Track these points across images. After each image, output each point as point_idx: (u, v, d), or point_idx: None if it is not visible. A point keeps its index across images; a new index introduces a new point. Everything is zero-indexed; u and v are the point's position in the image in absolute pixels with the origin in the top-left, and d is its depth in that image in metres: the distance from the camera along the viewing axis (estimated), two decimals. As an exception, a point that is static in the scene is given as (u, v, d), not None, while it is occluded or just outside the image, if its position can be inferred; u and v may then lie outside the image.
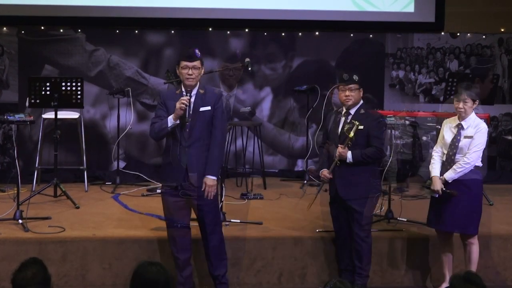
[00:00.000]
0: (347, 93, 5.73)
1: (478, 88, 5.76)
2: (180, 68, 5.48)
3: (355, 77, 5.74)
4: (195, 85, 5.51)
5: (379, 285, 6.18)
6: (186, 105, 5.38)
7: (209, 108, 5.48)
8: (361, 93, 5.78)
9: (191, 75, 5.44)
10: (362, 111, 5.75)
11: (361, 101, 5.80)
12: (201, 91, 5.51)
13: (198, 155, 5.46)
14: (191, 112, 5.45)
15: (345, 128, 5.69)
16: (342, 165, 5.72)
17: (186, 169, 5.45)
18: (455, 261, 5.91)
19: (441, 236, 5.87)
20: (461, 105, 5.65)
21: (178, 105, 5.38)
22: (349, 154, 5.66)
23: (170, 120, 5.43)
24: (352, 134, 5.62)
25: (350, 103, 5.74)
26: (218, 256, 5.64)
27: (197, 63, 5.45)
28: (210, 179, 5.44)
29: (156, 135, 5.57)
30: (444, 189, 5.64)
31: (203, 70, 5.57)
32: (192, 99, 5.48)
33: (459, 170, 5.61)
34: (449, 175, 5.64)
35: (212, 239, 5.61)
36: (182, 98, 5.39)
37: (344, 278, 5.74)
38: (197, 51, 5.49)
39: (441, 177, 5.68)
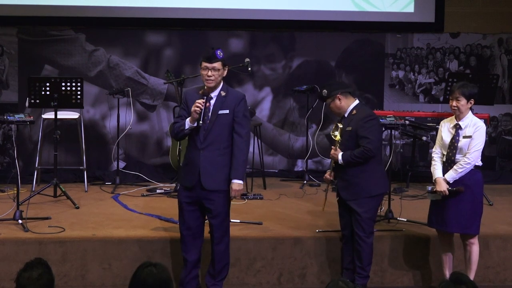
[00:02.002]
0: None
1: (475, 88, 5.73)
2: (201, 69, 5.43)
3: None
4: (217, 87, 5.44)
5: (379, 285, 6.18)
6: (201, 108, 5.35)
7: (227, 111, 5.42)
8: (340, 100, 5.74)
9: (210, 76, 5.37)
10: (354, 111, 5.75)
11: (355, 102, 5.77)
12: (223, 93, 5.45)
13: (212, 159, 5.43)
14: (209, 114, 5.41)
15: (332, 130, 5.77)
16: (340, 167, 5.75)
17: (200, 171, 5.43)
18: (455, 261, 5.91)
19: (441, 236, 5.87)
20: (454, 103, 5.65)
21: (192, 108, 5.35)
22: (339, 156, 5.69)
23: (187, 123, 5.41)
24: (338, 136, 5.67)
25: (335, 114, 5.89)
26: (222, 260, 5.64)
27: (217, 65, 5.37)
28: (236, 183, 5.45)
29: (175, 136, 5.60)
30: (449, 188, 5.63)
31: (225, 72, 5.47)
32: (213, 101, 5.44)
33: (460, 170, 5.61)
34: (450, 175, 5.64)
35: (219, 244, 5.60)
36: (197, 101, 5.36)
37: (345, 276, 5.76)
38: (218, 52, 5.41)
39: (443, 177, 5.67)
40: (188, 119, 5.41)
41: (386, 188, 5.95)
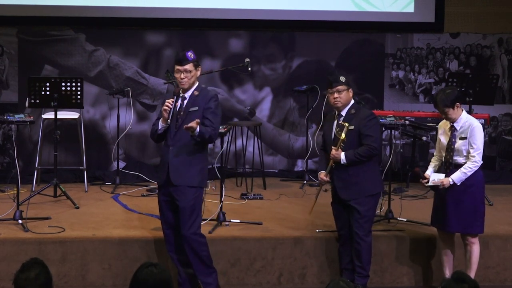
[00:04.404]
0: (335, 95, 5.73)
1: (454, 91, 5.69)
2: (174, 72, 5.57)
3: (342, 78, 5.74)
4: (191, 87, 5.55)
5: (379, 285, 6.19)
6: (169, 108, 5.42)
7: (196, 108, 5.51)
8: (351, 93, 5.78)
9: (183, 78, 5.50)
10: (353, 111, 5.75)
11: (352, 101, 5.80)
12: (196, 93, 5.55)
13: (180, 155, 5.51)
14: (181, 113, 5.50)
15: (337, 130, 5.71)
16: (339, 167, 5.73)
17: (168, 167, 5.52)
18: (455, 261, 5.91)
19: (443, 236, 5.86)
20: (444, 116, 5.67)
21: (162, 107, 5.48)
22: (342, 156, 5.67)
23: (160, 123, 5.53)
24: (343, 136, 5.63)
25: (339, 105, 5.75)
26: (195, 258, 5.61)
27: (188, 66, 5.48)
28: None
29: (152, 137, 5.74)
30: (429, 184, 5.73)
31: (198, 72, 5.58)
32: (186, 101, 5.54)
33: (469, 172, 5.58)
34: (458, 177, 5.60)
35: (188, 241, 5.56)
36: (167, 100, 5.48)
37: (344, 277, 5.75)
38: (189, 54, 5.49)
39: (449, 178, 5.63)
40: (160, 120, 5.52)
41: (382, 187, 5.99)
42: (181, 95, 5.53)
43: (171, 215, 5.63)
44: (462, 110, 5.69)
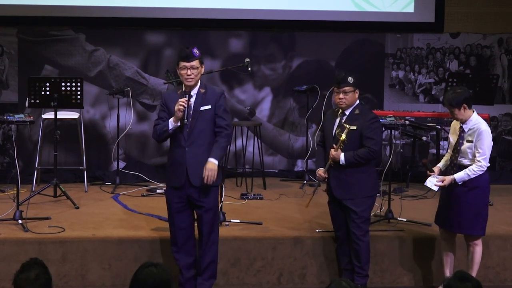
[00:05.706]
0: (341, 95, 5.70)
1: (464, 91, 5.67)
2: (179, 69, 5.48)
3: (350, 79, 5.70)
4: (196, 85, 5.51)
5: (379, 285, 6.19)
6: (184, 107, 5.38)
7: (209, 107, 5.47)
8: (357, 94, 5.76)
9: (189, 75, 5.44)
10: (357, 111, 5.73)
11: (357, 102, 5.78)
12: (202, 91, 5.51)
13: (198, 155, 5.46)
14: (191, 112, 5.46)
15: (337, 131, 5.70)
16: (337, 166, 5.72)
17: (187, 169, 5.46)
18: (456, 261, 5.91)
19: (444, 235, 5.85)
20: (451, 115, 5.67)
21: (176, 107, 5.39)
22: (341, 156, 5.66)
23: (171, 123, 5.46)
24: (343, 136, 5.62)
25: (343, 106, 5.73)
26: (208, 256, 5.62)
27: (195, 63, 5.44)
28: (211, 162, 5.41)
29: (158, 138, 5.62)
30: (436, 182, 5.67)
31: (203, 69, 5.56)
32: (193, 99, 5.49)
33: (472, 175, 5.56)
34: (460, 177, 5.58)
35: (208, 240, 5.58)
36: (180, 100, 5.40)
37: (344, 277, 5.75)
38: (195, 50, 5.47)
39: (452, 176, 5.62)
40: (171, 119, 5.46)
41: (378, 189, 6.03)
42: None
43: (182, 218, 5.58)
44: (473, 112, 5.64)
